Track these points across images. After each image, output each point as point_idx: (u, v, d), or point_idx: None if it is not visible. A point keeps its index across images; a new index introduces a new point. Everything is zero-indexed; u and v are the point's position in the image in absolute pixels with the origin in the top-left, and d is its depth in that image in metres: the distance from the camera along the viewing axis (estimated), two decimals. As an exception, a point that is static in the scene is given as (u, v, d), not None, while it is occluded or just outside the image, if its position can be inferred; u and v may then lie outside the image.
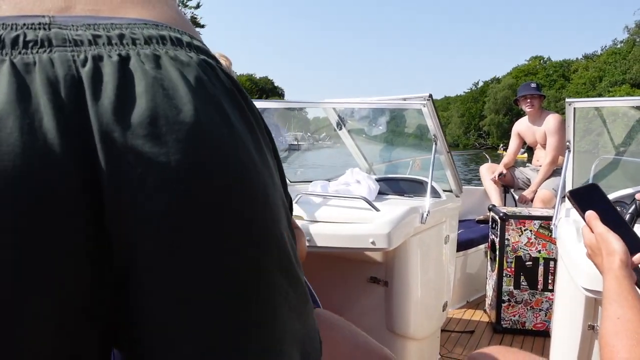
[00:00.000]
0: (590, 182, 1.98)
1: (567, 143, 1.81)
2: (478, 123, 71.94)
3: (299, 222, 1.49)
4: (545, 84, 61.02)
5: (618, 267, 0.76)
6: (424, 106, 1.85)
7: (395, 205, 1.85)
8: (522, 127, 3.78)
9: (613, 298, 0.74)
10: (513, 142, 3.85)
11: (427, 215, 1.86)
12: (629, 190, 1.58)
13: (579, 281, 1.33)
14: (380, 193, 2.21)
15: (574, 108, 1.64)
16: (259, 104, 2.14)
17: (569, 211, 1.75)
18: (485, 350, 1.12)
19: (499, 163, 3.85)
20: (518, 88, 3.82)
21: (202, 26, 41.90)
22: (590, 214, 0.83)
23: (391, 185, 2.26)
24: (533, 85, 3.64)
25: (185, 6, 40.15)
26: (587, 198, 0.85)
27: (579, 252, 1.39)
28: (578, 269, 1.35)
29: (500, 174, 3.65)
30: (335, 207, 1.89)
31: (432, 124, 1.96)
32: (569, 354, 1.56)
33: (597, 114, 2.31)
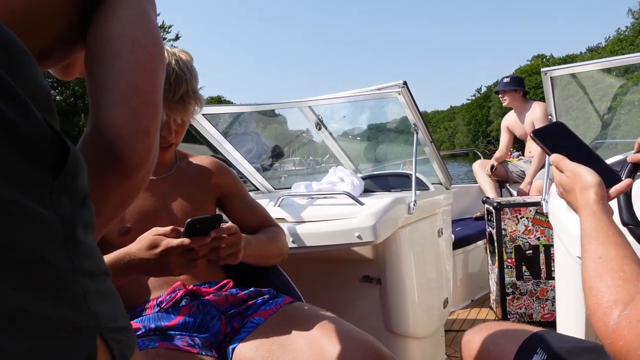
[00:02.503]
0: None
1: (549, 117, 1.76)
2: (485, 129, 71.85)
3: (282, 225, 1.43)
4: (551, 81, 60.58)
5: (594, 201, 0.69)
6: (399, 94, 1.81)
7: (381, 199, 1.79)
8: (510, 120, 3.75)
9: (592, 236, 0.66)
10: (503, 137, 3.81)
11: (413, 205, 1.79)
12: (619, 157, 1.52)
13: (575, 251, 1.25)
14: (366, 191, 2.15)
15: (550, 77, 1.60)
16: (225, 108, 2.10)
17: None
18: (476, 328, 1.05)
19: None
20: None
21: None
22: (556, 155, 0.77)
23: (377, 182, 2.20)
24: (505, 79, 3.63)
25: (164, 39, 40.95)
26: (553, 137, 0.79)
27: (571, 220, 1.32)
28: (572, 238, 1.28)
29: (492, 167, 3.60)
30: (319, 206, 1.83)
31: (410, 112, 1.92)
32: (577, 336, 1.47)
33: (577, 85, 2.26)
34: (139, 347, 0.94)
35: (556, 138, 0.79)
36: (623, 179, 0.75)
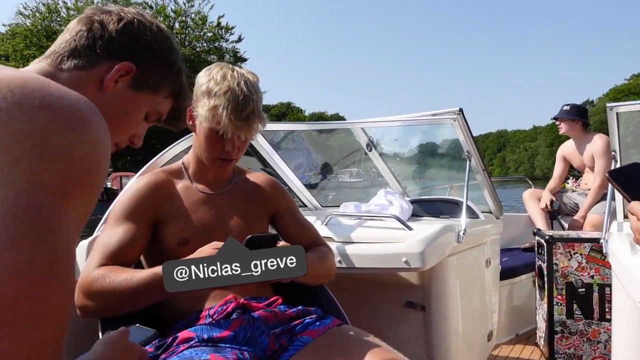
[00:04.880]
0: None
1: (613, 153, 1.69)
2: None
3: (329, 244, 1.45)
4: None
5: None
6: (454, 120, 1.79)
7: (430, 225, 1.77)
8: (567, 150, 3.61)
9: None
10: (558, 166, 3.67)
11: (463, 234, 1.76)
12: None
13: (637, 296, 1.19)
14: (414, 215, 2.14)
15: (617, 113, 1.54)
16: (281, 126, 2.14)
17: (622, 225, 1.61)
18: None
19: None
20: None
21: (245, 60, 43.66)
22: (637, 203, 0.74)
23: (425, 207, 2.18)
24: (566, 107, 3.49)
25: (226, 41, 42.07)
26: (631, 179, 0.76)
27: (636, 264, 1.26)
28: (635, 283, 1.22)
29: (552, 202, 3.45)
30: (366, 228, 1.84)
31: (464, 139, 1.90)
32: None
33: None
34: (191, 358, 0.98)
35: (635, 180, 0.76)
36: None
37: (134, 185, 1.24)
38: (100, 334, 1.09)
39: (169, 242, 1.19)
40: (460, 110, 1.84)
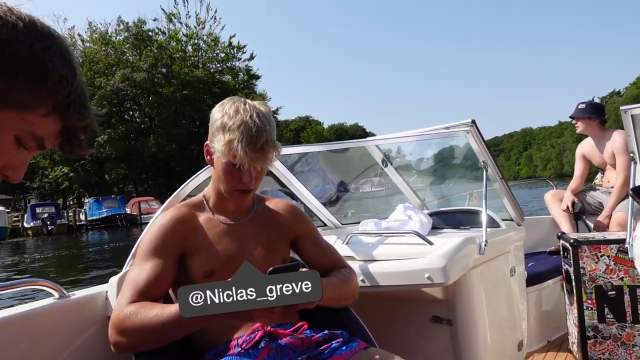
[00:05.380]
0: None
1: (632, 154, 1.67)
2: (598, 147, 66.07)
3: (350, 263, 1.46)
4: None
5: None
6: (468, 132, 1.80)
7: (450, 238, 1.78)
8: (586, 148, 3.56)
9: None
10: (579, 166, 3.61)
11: (485, 245, 1.76)
12: None
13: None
14: (434, 228, 2.14)
15: (631, 116, 1.53)
16: (295, 149, 2.17)
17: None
18: None
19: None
20: None
21: (259, 77, 44.05)
22: None
23: (445, 219, 2.18)
24: (581, 105, 3.44)
25: (239, 60, 42.49)
26: None
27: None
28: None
29: (574, 204, 3.40)
30: (387, 245, 1.85)
31: (479, 150, 1.90)
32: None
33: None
34: None
35: None
36: None
37: (158, 220, 1.28)
38: None
39: (195, 274, 1.22)
40: (473, 121, 1.85)
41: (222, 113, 1.21)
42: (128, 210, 30.13)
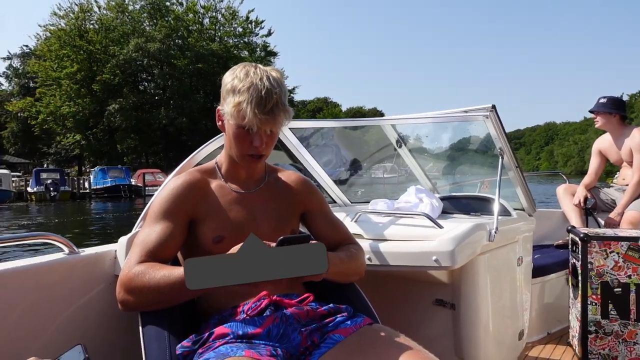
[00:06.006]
0: None
1: None
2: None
3: (358, 241, 1.46)
4: None
5: None
6: (487, 117, 1.77)
7: (460, 223, 1.76)
8: (604, 144, 3.50)
9: None
10: (594, 161, 3.56)
11: (495, 232, 1.74)
12: None
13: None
14: (445, 212, 2.12)
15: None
16: (309, 123, 2.15)
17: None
18: None
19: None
20: None
21: (276, 54, 43.55)
22: None
23: (456, 205, 2.16)
24: (602, 100, 3.36)
25: (256, 35, 41.95)
26: None
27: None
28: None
29: (586, 199, 3.36)
30: (396, 225, 1.84)
31: (497, 136, 1.87)
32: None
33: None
34: (227, 354, 1.01)
35: None
36: None
37: (170, 184, 1.28)
38: (140, 327, 1.14)
39: (204, 239, 1.22)
40: (493, 106, 1.81)
41: (232, 76, 1.19)
42: (133, 182, 30.29)
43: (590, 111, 3.45)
